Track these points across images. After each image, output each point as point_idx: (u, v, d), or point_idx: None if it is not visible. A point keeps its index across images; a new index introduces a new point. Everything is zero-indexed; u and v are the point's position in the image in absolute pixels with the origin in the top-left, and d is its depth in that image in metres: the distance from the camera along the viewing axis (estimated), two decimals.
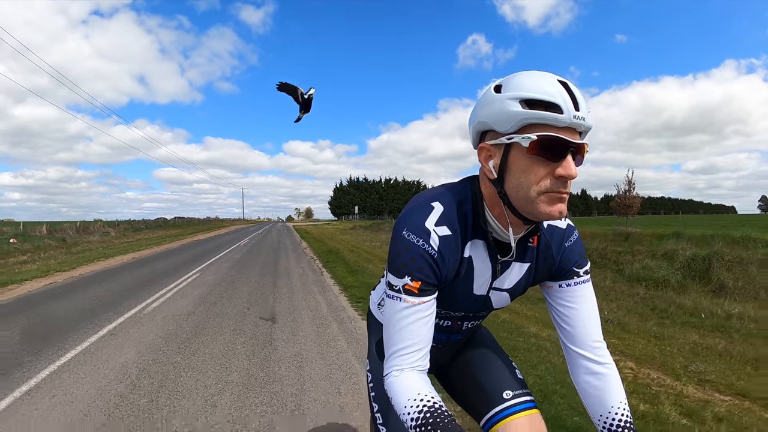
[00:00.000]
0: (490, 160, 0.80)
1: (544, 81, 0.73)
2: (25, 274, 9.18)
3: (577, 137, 0.74)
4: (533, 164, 0.74)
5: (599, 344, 0.91)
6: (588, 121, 0.74)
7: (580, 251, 0.95)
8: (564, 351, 0.95)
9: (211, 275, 9.05)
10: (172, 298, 6.45)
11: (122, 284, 7.90)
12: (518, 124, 0.73)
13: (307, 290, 7.30)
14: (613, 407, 0.86)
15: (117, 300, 6.29)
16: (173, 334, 4.50)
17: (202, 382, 3.17)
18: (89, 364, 3.57)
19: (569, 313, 0.92)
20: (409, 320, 0.82)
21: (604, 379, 0.89)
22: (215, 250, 15.59)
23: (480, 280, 0.91)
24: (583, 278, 0.93)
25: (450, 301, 0.95)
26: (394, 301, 0.83)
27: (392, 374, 0.82)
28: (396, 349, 0.82)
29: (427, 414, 0.74)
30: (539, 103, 0.71)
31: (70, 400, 2.86)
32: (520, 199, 0.76)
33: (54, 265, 10.97)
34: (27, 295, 6.89)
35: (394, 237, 0.85)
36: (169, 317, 5.25)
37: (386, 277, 0.88)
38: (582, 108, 0.73)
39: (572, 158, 0.74)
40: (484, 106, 0.78)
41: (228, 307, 5.90)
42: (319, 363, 3.62)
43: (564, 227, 0.94)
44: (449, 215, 0.84)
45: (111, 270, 10.09)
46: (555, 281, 0.94)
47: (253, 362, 3.63)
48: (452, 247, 0.84)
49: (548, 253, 0.93)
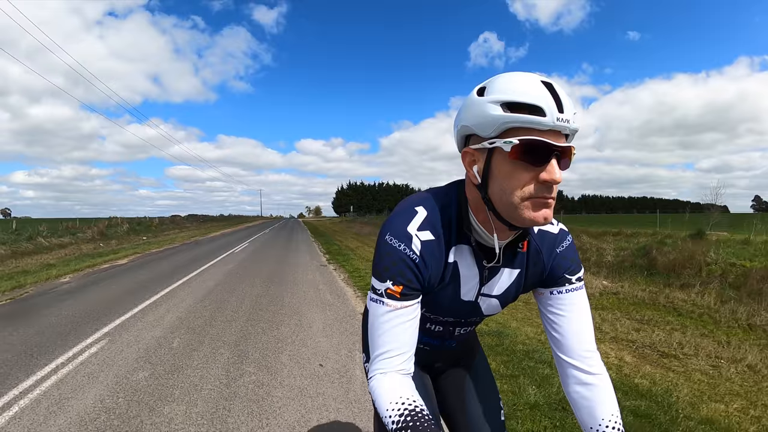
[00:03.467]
0: (474, 165, 0.78)
1: (526, 83, 0.71)
2: (127, 250, 13.61)
3: (562, 140, 0.72)
4: (516, 169, 0.71)
5: (591, 354, 0.88)
6: (573, 123, 0.70)
7: (572, 257, 0.91)
8: (555, 360, 0.92)
9: (274, 232, 24.56)
10: (263, 238, 20.75)
11: (218, 245, 16.80)
12: (500, 128, 0.71)
13: (302, 234, 23.42)
14: (604, 419, 0.83)
15: (217, 251, 13.76)
16: (261, 247, 18.65)
17: (273, 251, 17.28)
18: (218, 266, 13.30)
19: (560, 322, 0.89)
20: (391, 324, 0.81)
21: (594, 390, 0.86)
22: (266, 227, 33.53)
23: (467, 286, 0.90)
24: (575, 285, 0.91)
25: (438, 306, 0.94)
26: (377, 305, 0.82)
27: (376, 377, 0.82)
28: (379, 353, 0.82)
29: (408, 417, 0.74)
30: (521, 106, 0.69)
31: (212, 276, 8.11)
32: (504, 204, 0.74)
33: (142, 245, 16.13)
34: (142, 259, 12.83)
35: (378, 241, 0.84)
36: (260, 243, 19.19)
37: (371, 280, 0.86)
38: (567, 110, 0.69)
39: (557, 162, 0.71)
40: (467, 109, 0.76)
41: (281, 234, 21.52)
42: (303, 245, 17.49)
43: (556, 232, 0.91)
44: (432, 220, 0.83)
45: (200, 241, 18.97)
46: (546, 288, 0.92)
47: (288, 245, 17.63)
48: (435, 252, 0.83)
49: (539, 258, 0.90)
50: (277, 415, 2.57)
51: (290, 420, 2.51)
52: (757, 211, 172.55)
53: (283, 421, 2.50)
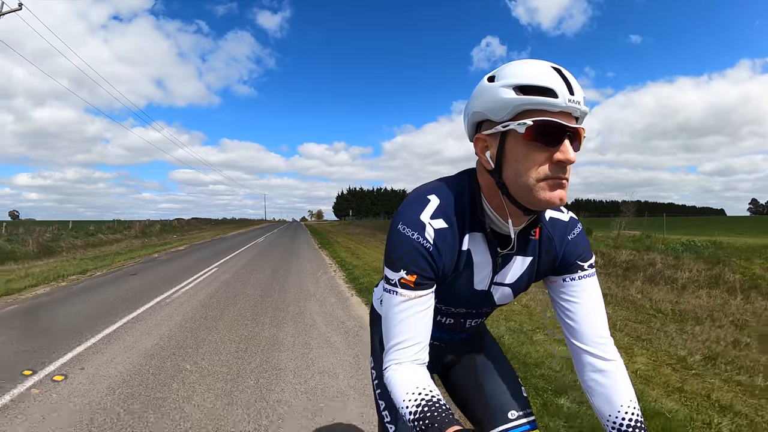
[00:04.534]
0: (487, 151, 0.78)
1: (536, 67, 0.73)
2: (174, 243, 20.07)
3: (573, 122, 0.73)
4: (530, 151, 0.72)
5: (605, 340, 0.87)
6: (583, 105, 0.72)
7: (584, 244, 0.92)
8: (569, 348, 0.91)
9: (280, 232, 29.64)
10: (272, 236, 25.58)
11: (241, 239, 23.61)
12: (513, 111, 0.72)
13: (303, 233, 28.06)
14: (623, 406, 0.82)
15: (244, 242, 20.70)
16: (273, 241, 23.79)
17: (283, 242, 22.37)
18: (251, 249, 22.46)
19: (573, 309, 0.89)
20: (406, 314, 0.81)
21: (610, 377, 0.85)
22: (272, 228, 40.59)
23: (480, 274, 0.89)
24: (587, 272, 0.90)
25: (451, 296, 0.93)
26: (391, 295, 0.82)
27: (391, 368, 0.82)
28: (394, 343, 0.82)
29: (425, 408, 0.74)
30: (533, 89, 0.70)
31: (232, 266, 10.90)
32: (519, 187, 0.75)
33: (184, 239, 22.18)
34: (193, 247, 19.92)
35: (391, 231, 0.84)
36: (272, 239, 24.19)
37: (384, 271, 0.86)
38: (577, 92, 0.71)
39: (570, 143, 0.72)
40: (477, 97, 0.78)
41: (286, 234, 26.44)
42: (304, 239, 22.75)
43: (567, 220, 0.92)
44: (446, 208, 0.83)
45: (224, 237, 25.88)
46: (558, 275, 0.91)
47: (293, 239, 22.89)
48: (449, 240, 0.82)
49: (551, 245, 0.90)
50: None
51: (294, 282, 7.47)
52: (753, 214, 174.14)
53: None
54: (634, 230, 18.08)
